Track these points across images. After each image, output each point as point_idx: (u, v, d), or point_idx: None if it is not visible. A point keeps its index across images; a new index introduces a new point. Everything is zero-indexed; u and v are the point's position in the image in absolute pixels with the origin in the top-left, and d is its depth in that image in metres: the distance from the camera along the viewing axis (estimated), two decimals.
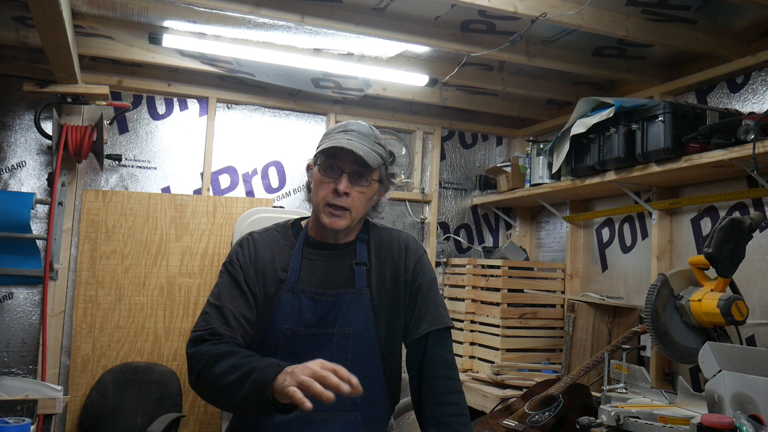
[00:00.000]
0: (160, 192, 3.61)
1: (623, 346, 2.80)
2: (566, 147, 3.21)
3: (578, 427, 2.40)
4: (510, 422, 2.32)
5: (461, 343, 3.76)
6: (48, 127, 3.27)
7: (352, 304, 1.66)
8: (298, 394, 1.25)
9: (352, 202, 1.64)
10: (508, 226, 4.36)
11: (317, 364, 1.30)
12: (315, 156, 1.69)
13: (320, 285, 1.67)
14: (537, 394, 2.48)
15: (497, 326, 3.48)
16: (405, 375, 1.75)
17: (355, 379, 1.29)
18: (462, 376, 3.55)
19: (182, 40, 3.05)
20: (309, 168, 1.74)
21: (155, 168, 3.62)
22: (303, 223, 1.80)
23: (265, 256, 1.67)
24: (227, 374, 1.41)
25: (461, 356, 3.73)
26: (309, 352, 1.49)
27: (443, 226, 4.22)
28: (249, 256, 1.67)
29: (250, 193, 3.79)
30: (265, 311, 1.64)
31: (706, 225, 2.97)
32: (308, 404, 1.25)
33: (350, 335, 1.64)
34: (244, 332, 1.59)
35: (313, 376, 1.27)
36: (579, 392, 2.51)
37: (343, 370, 1.29)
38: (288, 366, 1.33)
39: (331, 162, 1.65)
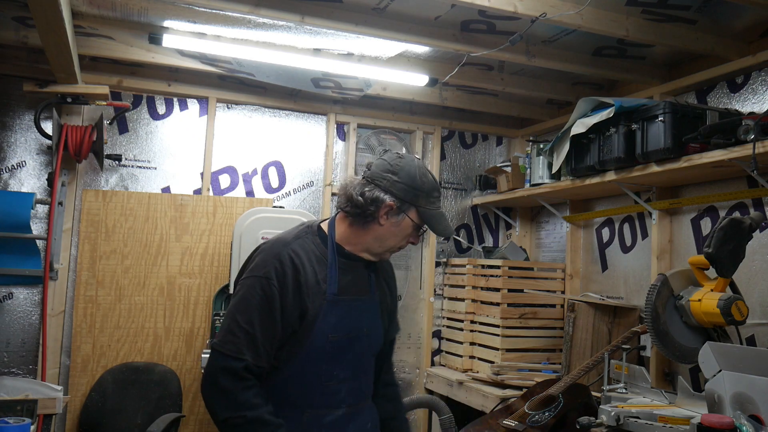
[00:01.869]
0: (160, 192, 3.61)
1: (623, 346, 2.80)
2: (566, 147, 3.21)
3: (578, 427, 2.40)
4: (510, 422, 2.32)
5: (461, 343, 3.76)
6: (48, 127, 3.27)
7: (371, 308, 1.84)
8: None
9: None
10: (508, 226, 4.36)
11: None
12: (416, 213, 1.76)
13: (352, 293, 1.79)
14: (537, 394, 2.48)
15: (497, 326, 3.48)
16: (405, 375, 1.95)
17: None
18: (462, 376, 3.56)
19: (182, 40, 3.05)
20: (392, 210, 1.74)
21: (155, 168, 3.62)
22: (325, 228, 1.83)
23: (308, 270, 1.71)
24: None
25: (461, 356, 3.74)
26: (348, 356, 1.75)
27: None
28: (291, 272, 1.68)
29: (250, 193, 3.79)
30: (309, 322, 1.69)
31: (706, 225, 2.97)
32: None
33: (372, 335, 1.84)
34: (269, 362, 1.67)
35: None
36: (579, 392, 2.51)
37: None
38: None
39: (421, 232, 1.81)
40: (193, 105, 3.73)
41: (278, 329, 1.65)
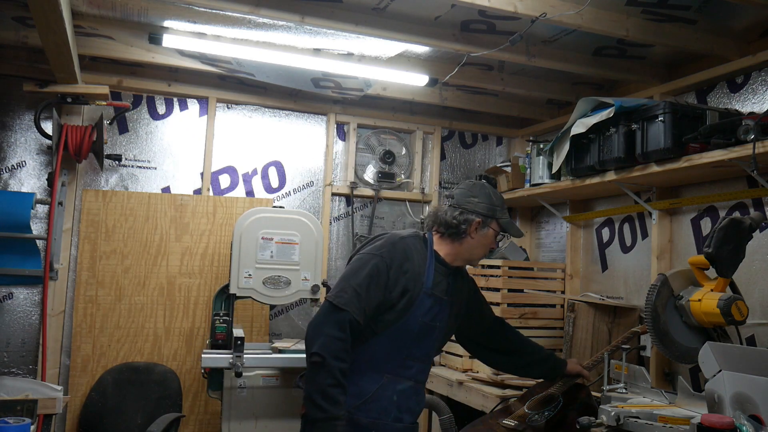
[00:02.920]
0: (160, 192, 3.61)
1: (623, 346, 2.80)
2: (566, 147, 3.21)
3: (578, 427, 2.40)
4: (509, 422, 2.31)
5: None
6: (48, 127, 3.27)
7: (444, 309, 2.22)
8: None
9: None
10: None
11: None
12: (493, 223, 2.23)
13: (438, 292, 2.18)
14: (536, 394, 2.47)
15: None
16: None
17: None
18: (462, 376, 3.55)
19: (182, 40, 3.05)
20: (483, 225, 2.22)
21: (155, 168, 3.62)
22: (426, 237, 2.26)
23: (416, 259, 2.14)
24: (321, 396, 1.91)
25: (461, 356, 3.73)
26: (425, 341, 2.15)
27: None
28: (400, 258, 2.10)
29: (250, 193, 3.79)
30: (408, 303, 2.08)
31: (706, 225, 2.97)
32: None
33: (441, 330, 2.23)
34: (365, 321, 2.03)
35: None
36: (578, 392, 2.51)
37: None
38: None
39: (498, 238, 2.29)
40: (193, 105, 3.73)
41: (380, 296, 2.03)
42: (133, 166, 3.58)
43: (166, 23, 3.00)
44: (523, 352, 2.49)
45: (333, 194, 3.96)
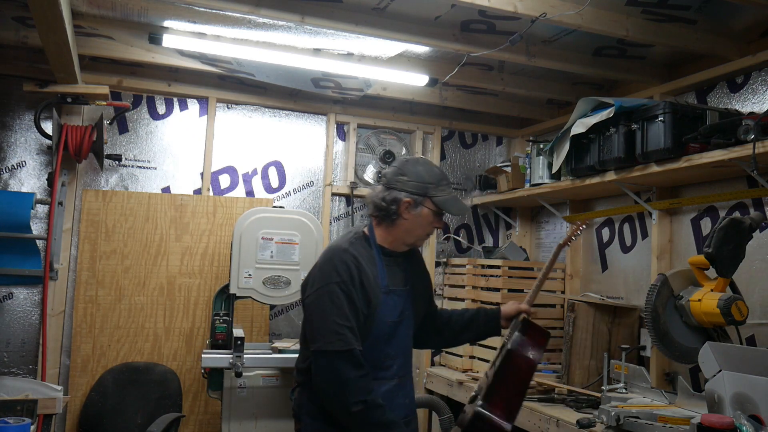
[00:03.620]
0: (160, 192, 3.61)
1: (623, 346, 2.80)
2: (566, 147, 3.21)
3: (578, 427, 2.40)
4: (473, 393, 2.21)
5: None
6: (48, 127, 3.27)
7: (407, 298, 2.16)
8: None
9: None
10: (508, 226, 4.36)
11: None
12: (430, 202, 2.07)
13: (395, 285, 2.12)
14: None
15: None
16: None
17: None
18: (462, 376, 3.56)
19: (182, 40, 3.05)
20: (410, 205, 2.06)
21: (155, 168, 3.62)
22: (366, 233, 2.14)
23: (368, 270, 2.03)
24: (381, 428, 1.91)
25: (461, 356, 3.74)
26: (397, 337, 2.09)
27: (443, 226, 4.23)
28: (357, 275, 1.99)
29: (250, 193, 3.80)
30: (373, 311, 2.01)
31: (706, 225, 2.97)
32: None
33: (408, 320, 2.16)
34: (360, 342, 1.98)
35: None
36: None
37: None
38: None
39: (443, 214, 2.11)
40: (193, 105, 3.73)
41: (360, 318, 1.98)
42: (133, 166, 3.58)
43: (166, 23, 3.00)
44: (451, 321, 2.37)
45: (333, 194, 3.96)
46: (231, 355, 2.92)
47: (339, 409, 1.92)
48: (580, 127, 3.05)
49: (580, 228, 2.40)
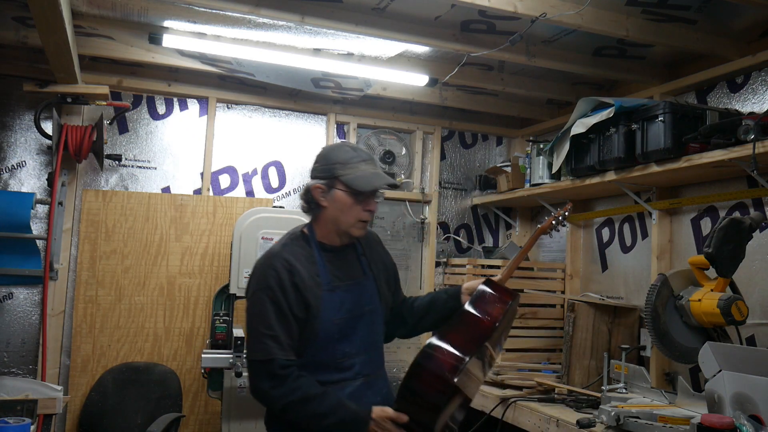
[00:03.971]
0: (160, 192, 3.61)
1: (623, 346, 2.80)
2: (566, 147, 3.21)
3: (578, 427, 2.40)
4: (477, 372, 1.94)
5: None
6: (48, 127, 3.27)
7: (368, 288, 2.06)
8: None
9: (372, 216, 2.04)
10: (508, 226, 4.35)
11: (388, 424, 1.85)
12: (335, 181, 1.96)
13: (345, 278, 2.02)
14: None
15: None
16: None
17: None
18: None
19: (182, 40, 3.05)
20: (322, 190, 1.98)
21: (155, 168, 3.62)
22: (305, 231, 2.05)
23: (302, 271, 1.93)
24: (322, 418, 1.85)
25: None
26: (356, 334, 1.98)
27: (443, 226, 4.22)
28: (288, 278, 1.91)
29: (250, 193, 3.79)
30: (315, 313, 1.92)
31: (706, 225, 2.97)
32: None
33: (373, 311, 2.06)
34: (294, 349, 1.91)
35: None
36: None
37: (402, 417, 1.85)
38: (371, 418, 1.85)
39: (365, 191, 1.96)
40: (193, 105, 3.73)
41: (293, 324, 1.89)
42: (133, 166, 3.58)
43: (166, 23, 3.00)
44: (413, 307, 2.21)
45: None
46: (231, 355, 2.92)
47: (274, 411, 1.94)
48: (580, 127, 3.05)
49: (566, 211, 2.24)
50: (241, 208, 3.61)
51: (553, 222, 2.19)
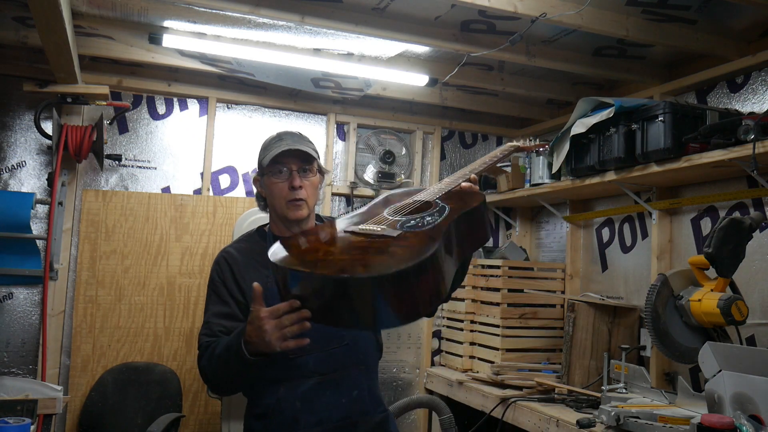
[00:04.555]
0: (160, 192, 3.61)
1: (623, 346, 2.80)
2: (566, 147, 3.21)
3: (578, 427, 2.40)
4: (372, 227, 1.54)
5: (461, 343, 3.76)
6: (48, 127, 3.27)
7: None
8: (290, 345, 1.55)
9: (306, 193, 1.93)
10: (508, 226, 4.36)
11: (266, 323, 1.55)
12: (261, 168, 1.95)
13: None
14: (393, 203, 1.76)
15: (497, 326, 3.48)
16: (405, 376, 1.89)
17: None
18: (462, 376, 3.56)
19: (182, 40, 3.05)
20: (257, 181, 2.00)
21: (155, 168, 3.62)
22: (266, 228, 2.04)
23: (243, 263, 1.92)
24: (215, 360, 1.75)
25: (461, 356, 3.74)
26: (309, 330, 1.68)
27: None
28: (227, 270, 1.92)
29: (250, 193, 3.79)
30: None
31: (706, 225, 2.97)
32: (305, 340, 1.55)
33: None
34: (227, 333, 1.84)
35: (279, 333, 1.53)
36: (469, 198, 1.73)
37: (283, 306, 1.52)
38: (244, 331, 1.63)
39: (279, 167, 1.92)
40: (193, 105, 3.73)
41: (231, 306, 1.89)
42: (133, 166, 3.58)
43: (166, 23, 3.00)
44: None
45: (333, 194, 3.96)
46: None
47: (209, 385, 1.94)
48: (580, 127, 3.05)
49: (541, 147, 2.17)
50: (241, 208, 3.61)
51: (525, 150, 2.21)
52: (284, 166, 1.91)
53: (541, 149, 2.14)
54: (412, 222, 1.54)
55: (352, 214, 1.75)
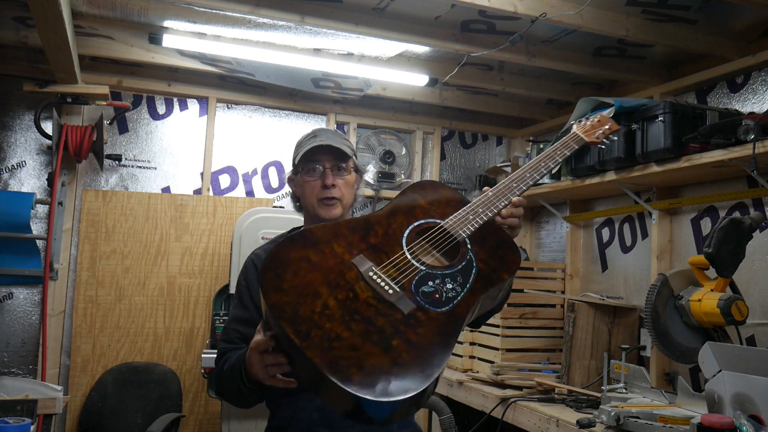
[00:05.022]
0: (160, 192, 3.61)
1: (623, 346, 2.80)
2: None
3: (578, 427, 2.40)
4: (383, 277, 1.33)
5: (461, 343, 3.76)
6: (48, 127, 3.27)
7: None
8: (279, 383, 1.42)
9: (340, 192, 1.81)
10: None
11: (252, 354, 1.43)
12: (295, 166, 1.85)
13: None
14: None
15: (497, 326, 3.48)
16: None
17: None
18: (462, 376, 3.56)
19: (182, 40, 3.05)
20: (291, 180, 1.90)
21: (155, 168, 3.62)
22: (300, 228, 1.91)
23: None
24: (223, 376, 1.67)
25: (461, 356, 3.74)
26: None
27: None
28: (252, 273, 1.83)
29: (250, 193, 3.79)
30: None
31: (706, 225, 2.97)
32: (292, 383, 1.41)
33: None
34: (246, 341, 1.72)
35: (264, 370, 1.40)
36: (504, 255, 1.47)
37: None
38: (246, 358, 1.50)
39: (312, 165, 1.81)
40: (193, 105, 3.73)
41: (249, 312, 1.79)
42: (133, 166, 3.58)
43: (166, 23, 3.00)
44: None
45: None
46: None
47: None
48: None
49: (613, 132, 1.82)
50: (241, 208, 3.61)
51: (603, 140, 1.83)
52: (317, 163, 1.80)
53: (611, 137, 1.83)
54: (429, 286, 1.35)
55: (373, 217, 1.54)
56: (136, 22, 3.01)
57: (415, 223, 1.52)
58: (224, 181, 3.76)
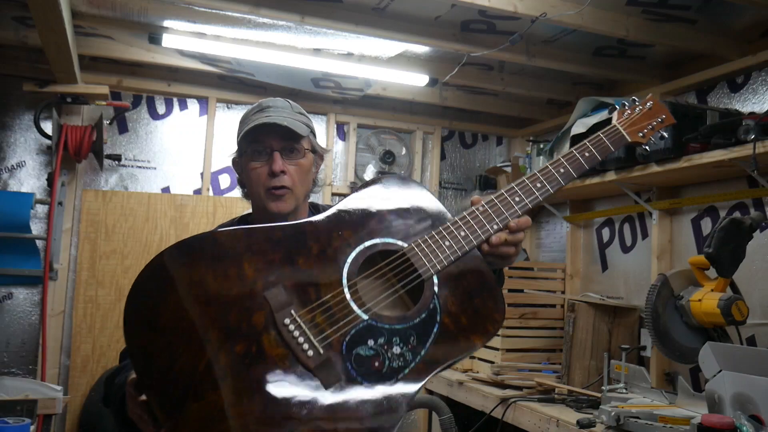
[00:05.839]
0: (160, 192, 3.61)
1: (623, 346, 2.80)
2: (566, 147, 3.21)
3: (578, 427, 2.40)
4: (302, 330, 1.01)
5: None
6: (48, 127, 3.26)
7: None
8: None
9: (291, 180, 1.47)
10: None
11: (132, 404, 1.05)
12: (238, 147, 1.53)
13: None
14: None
15: None
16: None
17: None
18: (462, 376, 3.56)
19: (182, 40, 3.05)
20: (236, 163, 1.58)
21: (155, 168, 3.62)
22: (249, 218, 1.64)
23: None
24: (111, 390, 1.27)
25: None
26: None
27: None
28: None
29: None
30: None
31: (706, 225, 2.97)
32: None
33: None
34: None
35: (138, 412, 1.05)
36: (485, 309, 1.22)
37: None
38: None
39: (257, 146, 1.48)
40: (193, 105, 3.73)
41: None
42: (133, 166, 3.58)
43: (166, 23, 3.00)
44: None
45: (333, 194, 3.96)
46: None
47: None
48: (580, 127, 3.05)
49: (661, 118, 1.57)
50: (241, 209, 3.60)
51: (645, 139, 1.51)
52: (263, 144, 1.48)
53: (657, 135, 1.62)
54: (368, 347, 0.99)
55: (309, 226, 1.18)
56: (135, 22, 3.00)
57: (367, 244, 1.13)
58: (224, 181, 3.76)
